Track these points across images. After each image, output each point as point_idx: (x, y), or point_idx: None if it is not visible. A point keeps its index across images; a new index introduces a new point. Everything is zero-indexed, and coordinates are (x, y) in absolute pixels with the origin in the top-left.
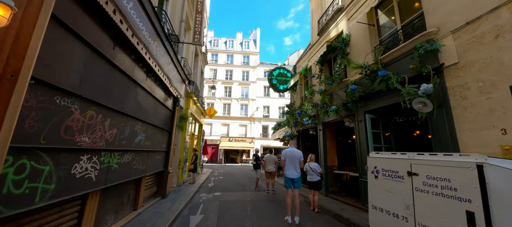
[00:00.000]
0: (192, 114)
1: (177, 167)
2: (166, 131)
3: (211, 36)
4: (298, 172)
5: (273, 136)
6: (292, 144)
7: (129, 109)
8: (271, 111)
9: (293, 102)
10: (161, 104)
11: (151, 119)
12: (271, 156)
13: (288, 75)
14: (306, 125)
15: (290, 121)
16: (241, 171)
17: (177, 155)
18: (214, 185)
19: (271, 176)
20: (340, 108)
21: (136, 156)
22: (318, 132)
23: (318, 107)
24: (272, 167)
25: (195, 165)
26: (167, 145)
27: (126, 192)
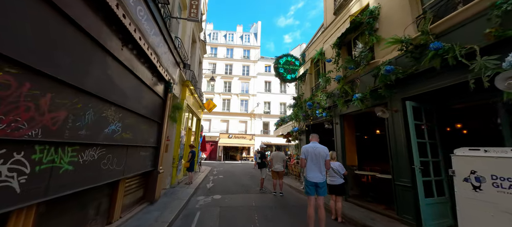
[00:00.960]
0: (188, 106)
1: (170, 166)
2: (155, 123)
3: (210, 29)
4: (323, 174)
5: (275, 133)
6: (314, 139)
7: (92, 86)
8: (272, 107)
9: (301, 94)
10: (147, 88)
11: (133, 105)
12: (279, 154)
13: (296, 63)
14: (318, 118)
15: (298, 115)
16: (242, 169)
17: (171, 152)
18: (213, 185)
19: (278, 176)
20: (367, 96)
21: (107, 153)
22: (334, 126)
23: (335, 97)
24: (280, 166)
25: (192, 164)
26: (156, 140)
27: (94, 202)
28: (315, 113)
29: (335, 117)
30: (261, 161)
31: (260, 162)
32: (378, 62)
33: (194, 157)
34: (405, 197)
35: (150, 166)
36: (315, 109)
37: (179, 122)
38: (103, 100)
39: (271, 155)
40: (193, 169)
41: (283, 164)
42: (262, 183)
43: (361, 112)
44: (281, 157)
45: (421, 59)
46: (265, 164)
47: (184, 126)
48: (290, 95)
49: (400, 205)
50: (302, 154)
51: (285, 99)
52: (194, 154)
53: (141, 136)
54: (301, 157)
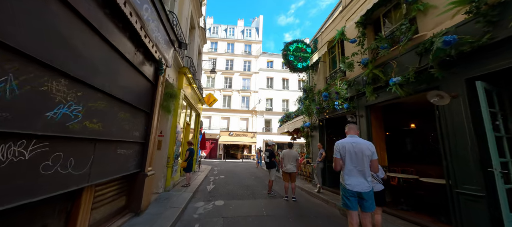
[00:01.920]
0: (186, 98)
1: (164, 166)
2: (141, 112)
3: (210, 23)
4: (369, 181)
5: (280, 130)
6: (352, 131)
7: (16, 35)
8: (275, 104)
9: (313, 85)
10: (129, 65)
11: (104, 84)
12: (291, 152)
13: (307, 50)
14: (337, 111)
15: (310, 108)
16: (244, 168)
17: (165, 150)
18: (214, 188)
19: (291, 178)
20: (410, 79)
21: (54, 150)
22: (358, 119)
23: (360, 84)
24: (292, 166)
25: (190, 163)
26: (143, 134)
27: (34, 224)
28: (333, 105)
29: (359, 108)
30: (270, 161)
31: (268, 161)
32: (425, 36)
33: (193, 155)
34: (473, 210)
35: (133, 168)
36: (332, 101)
37: (175, 114)
38: (40, 64)
39: (282, 154)
40: (192, 169)
41: (296, 164)
42: (270, 186)
43: (389, 103)
44: (294, 156)
45: (501, 23)
46: (274, 164)
47: (181, 120)
48: (293, 92)
49: (464, 220)
50: (336, 152)
51: (288, 96)
52: (192, 153)
53: (119, 127)
54: (334, 157)
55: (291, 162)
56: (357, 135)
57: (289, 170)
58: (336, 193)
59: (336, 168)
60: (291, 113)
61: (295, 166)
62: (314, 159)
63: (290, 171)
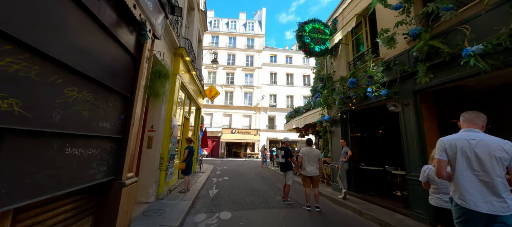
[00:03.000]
0: (184, 87)
1: (156, 169)
2: (114, 94)
3: (211, 16)
4: (507, 195)
5: (287, 126)
6: (471, 124)
7: None
8: (278, 100)
9: (331, 72)
10: (92, 21)
11: (28, 30)
12: (312, 150)
13: (326, 31)
14: (368, 100)
15: (329, 100)
16: (248, 168)
17: (157, 148)
18: (218, 193)
19: (313, 183)
20: (505, 42)
21: None
22: (402, 110)
23: (407, 63)
24: (314, 168)
25: (189, 164)
26: (119, 126)
27: None
28: (363, 93)
29: (403, 95)
30: (285, 161)
31: (284, 162)
32: None
33: (192, 155)
34: None
35: (102, 176)
36: (361, 88)
37: (170, 104)
38: None
39: (301, 153)
40: (191, 170)
41: (318, 166)
42: (287, 192)
43: (450, 86)
44: (315, 156)
45: None
46: (291, 166)
47: (177, 114)
48: (298, 87)
49: None
50: (440, 152)
51: (292, 92)
52: (192, 151)
53: (69, 113)
54: (437, 159)
55: (312, 163)
56: (480, 129)
57: (310, 173)
58: (365, 200)
59: (440, 175)
60: (300, 107)
61: (317, 168)
62: (334, 158)
63: (311, 174)
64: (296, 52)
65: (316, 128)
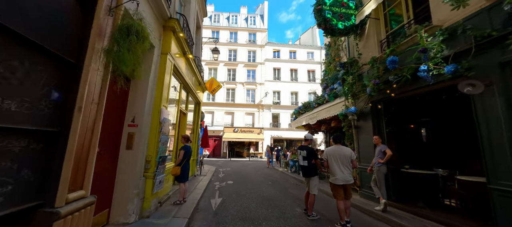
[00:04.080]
0: (179, 73)
1: (139, 177)
2: (41, 55)
3: (211, 11)
4: None
5: (295, 123)
6: None
7: None
8: (282, 97)
9: (357, 55)
10: None
11: None
12: (341, 150)
13: (350, 5)
14: (418, 84)
15: (354, 88)
16: (253, 168)
17: (141, 149)
18: (223, 203)
19: (345, 193)
20: None
21: None
22: (479, 90)
23: (488, 26)
24: (346, 174)
25: (185, 169)
26: (51, 111)
27: None
28: (412, 72)
29: (480, 73)
30: (308, 165)
31: (307, 166)
32: None
33: (190, 156)
34: None
35: (5, 203)
36: (407, 68)
37: (159, 89)
38: None
39: (326, 153)
40: (188, 176)
41: (350, 168)
42: (312, 204)
43: None
44: (347, 156)
45: None
46: (315, 170)
47: (170, 104)
48: (303, 83)
49: None
50: None
51: (297, 88)
52: (189, 152)
53: None
54: None
55: (344, 167)
56: None
57: (341, 181)
58: (413, 213)
59: None
60: (310, 102)
61: (350, 173)
62: (362, 159)
63: (343, 181)
64: (300, 47)
65: (331, 124)
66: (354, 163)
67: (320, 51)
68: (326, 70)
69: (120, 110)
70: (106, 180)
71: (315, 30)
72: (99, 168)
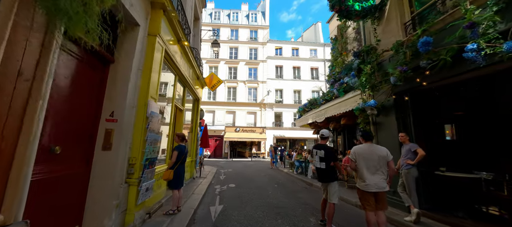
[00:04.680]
0: (173, 63)
1: (120, 183)
2: None
3: (211, 8)
4: None
5: (300, 122)
6: None
7: None
8: (285, 95)
9: (375, 42)
10: None
11: None
12: (374, 149)
13: None
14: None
15: (373, 78)
16: (257, 170)
17: (122, 149)
18: (224, 211)
19: (378, 203)
20: None
21: None
22: None
23: None
24: (380, 179)
25: (179, 173)
26: None
27: None
28: (452, 53)
29: None
30: (326, 167)
31: (324, 168)
32: None
33: (185, 158)
34: None
35: None
36: (445, 50)
37: (146, 76)
38: None
39: (355, 153)
40: (183, 181)
41: (387, 175)
42: (331, 215)
43: None
44: (381, 157)
45: None
46: (334, 174)
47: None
48: (306, 81)
49: None
50: None
51: (299, 86)
52: (183, 153)
53: None
54: None
55: (377, 170)
56: None
57: (373, 188)
58: (452, 224)
59: None
60: (317, 99)
61: (384, 179)
62: None
63: (375, 188)
64: (303, 44)
65: (341, 122)
66: (391, 167)
67: (324, 48)
68: (332, 65)
69: (94, 101)
70: (73, 189)
71: (318, 26)
72: (60, 173)
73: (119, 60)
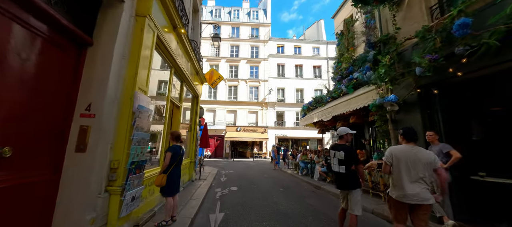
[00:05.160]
0: (167, 51)
1: (98, 193)
2: None
3: (212, 5)
4: None
5: (304, 121)
6: None
7: None
8: (287, 94)
9: (394, 30)
10: None
11: None
12: (418, 152)
13: None
14: None
15: (392, 71)
16: (259, 170)
17: (100, 152)
18: (226, 220)
19: (414, 217)
20: None
21: None
22: None
23: None
24: (422, 189)
25: (173, 178)
26: None
27: None
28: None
29: None
30: (346, 171)
31: (344, 173)
32: None
33: (180, 160)
34: None
35: None
36: (489, 32)
37: (133, 63)
38: None
39: (391, 154)
40: (178, 187)
41: (436, 185)
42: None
43: None
44: (427, 162)
45: None
46: (357, 180)
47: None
48: (308, 80)
49: None
50: None
51: (302, 85)
52: (178, 155)
53: None
54: None
55: (420, 177)
56: None
57: (412, 198)
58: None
59: None
60: (323, 96)
61: (427, 189)
62: None
63: (415, 200)
64: (305, 42)
65: (349, 120)
66: (442, 175)
67: (326, 46)
68: (338, 61)
69: (65, 91)
70: (35, 203)
71: (321, 24)
72: (13, 182)
73: (99, 42)
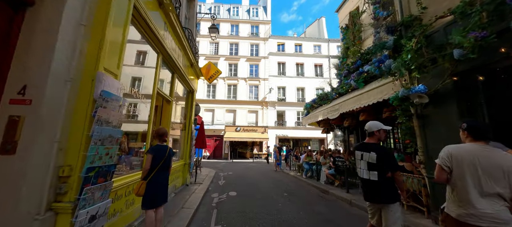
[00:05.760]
0: (151, 32)
1: (30, 217)
2: None
3: (210, 2)
4: None
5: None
6: None
7: None
8: (288, 93)
9: (418, 11)
10: None
11: None
12: (492, 154)
13: None
14: None
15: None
16: (260, 172)
17: (42, 151)
18: None
19: None
20: None
21: None
22: None
23: None
24: (499, 210)
25: (156, 186)
26: None
27: None
28: None
29: None
30: (380, 179)
31: (377, 181)
32: None
33: (167, 163)
34: None
35: None
36: None
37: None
38: None
39: (453, 155)
40: (165, 197)
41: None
42: None
43: None
44: (508, 173)
45: None
46: (396, 191)
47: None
48: (309, 79)
49: None
50: None
51: (303, 84)
52: (160, 157)
53: None
54: None
55: (494, 190)
56: None
57: (483, 220)
58: None
59: None
60: (328, 93)
61: (506, 207)
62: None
63: (488, 222)
64: (306, 40)
65: (359, 118)
66: None
67: (328, 44)
68: (343, 56)
69: None
70: None
71: (322, 22)
72: None
73: (43, 2)
